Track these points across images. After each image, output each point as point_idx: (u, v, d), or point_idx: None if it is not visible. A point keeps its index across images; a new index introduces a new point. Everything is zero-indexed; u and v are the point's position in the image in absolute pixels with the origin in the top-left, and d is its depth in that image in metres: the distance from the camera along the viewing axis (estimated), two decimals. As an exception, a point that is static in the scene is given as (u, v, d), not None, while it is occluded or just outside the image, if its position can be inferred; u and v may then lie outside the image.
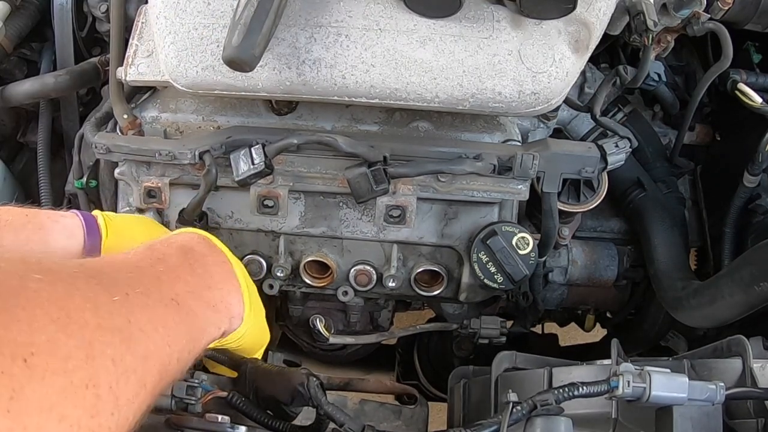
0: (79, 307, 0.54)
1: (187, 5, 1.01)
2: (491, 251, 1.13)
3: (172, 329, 0.65)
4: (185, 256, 0.77)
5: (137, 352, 0.58)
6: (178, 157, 1.08)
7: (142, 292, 0.64)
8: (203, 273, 0.78)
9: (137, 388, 0.57)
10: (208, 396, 0.91)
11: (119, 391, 0.54)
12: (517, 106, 1.02)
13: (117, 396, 0.54)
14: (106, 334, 0.55)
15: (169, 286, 0.70)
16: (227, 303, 0.79)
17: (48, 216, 0.92)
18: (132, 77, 1.10)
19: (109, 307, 0.57)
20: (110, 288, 0.59)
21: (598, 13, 1.02)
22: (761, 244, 1.01)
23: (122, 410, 0.55)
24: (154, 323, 0.62)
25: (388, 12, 1.01)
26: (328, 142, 1.06)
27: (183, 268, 0.75)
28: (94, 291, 0.57)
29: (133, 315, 0.60)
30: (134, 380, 0.57)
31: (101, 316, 0.56)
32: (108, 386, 0.53)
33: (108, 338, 0.55)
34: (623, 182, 1.35)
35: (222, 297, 0.79)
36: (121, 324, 0.57)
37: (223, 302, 0.78)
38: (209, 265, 0.80)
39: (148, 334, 0.61)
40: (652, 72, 1.31)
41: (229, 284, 0.81)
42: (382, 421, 1.15)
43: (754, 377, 0.85)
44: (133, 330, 0.59)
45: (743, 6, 1.20)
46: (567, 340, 1.76)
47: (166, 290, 0.69)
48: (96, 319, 0.55)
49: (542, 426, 0.81)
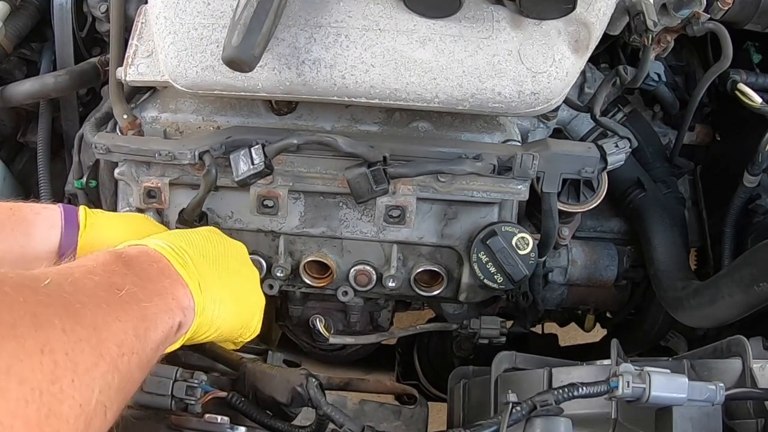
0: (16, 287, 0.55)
1: (187, 5, 1.01)
2: (491, 251, 1.13)
3: (117, 306, 0.65)
4: (117, 256, 0.76)
5: (84, 322, 0.59)
6: (178, 157, 1.08)
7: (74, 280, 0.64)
8: (138, 269, 0.76)
9: (94, 357, 0.58)
10: (207, 396, 0.91)
11: (76, 358, 0.55)
12: (517, 106, 1.02)
13: (75, 363, 0.55)
14: (49, 308, 0.56)
15: (104, 276, 0.69)
16: (173, 294, 0.77)
17: (31, 209, 0.94)
18: (132, 77, 1.10)
19: (45, 289, 0.59)
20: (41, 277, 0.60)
21: (598, 13, 1.02)
22: (761, 244, 1.01)
23: (83, 378, 0.55)
24: (95, 300, 0.63)
25: (387, 12, 1.01)
26: (328, 142, 1.06)
27: (116, 264, 0.74)
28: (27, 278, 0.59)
29: (71, 294, 0.61)
30: (89, 349, 0.58)
31: (39, 294, 0.57)
32: (63, 352, 0.54)
33: (52, 311, 0.56)
34: (623, 182, 1.35)
35: (165, 288, 0.77)
36: (60, 300, 0.59)
37: (168, 293, 0.76)
38: (143, 263, 0.78)
39: (91, 309, 0.61)
40: (652, 72, 1.31)
41: (168, 278, 0.79)
42: (382, 422, 1.15)
43: (754, 377, 0.85)
44: (75, 305, 0.60)
45: (743, 6, 1.20)
46: (567, 340, 1.76)
47: (101, 280, 0.68)
48: (35, 296, 0.56)
49: (542, 426, 0.81)
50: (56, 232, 0.94)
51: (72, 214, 0.96)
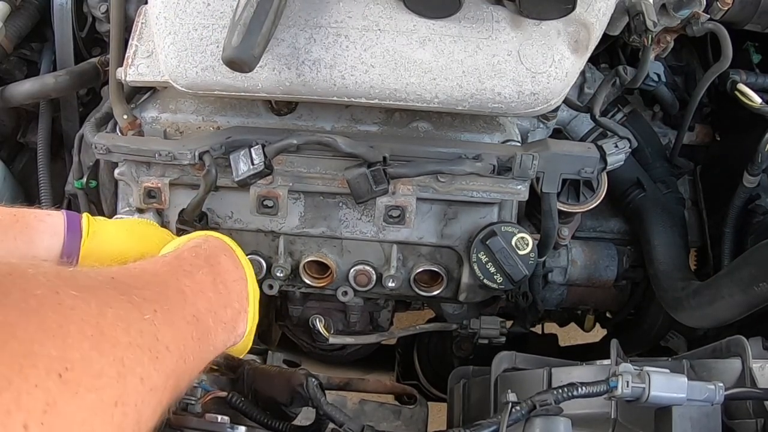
0: (112, 325, 0.55)
1: (187, 5, 1.01)
2: (491, 251, 1.13)
3: (191, 346, 0.67)
4: (210, 269, 0.80)
5: (162, 369, 0.59)
6: (178, 158, 1.08)
7: (168, 309, 0.65)
8: (224, 290, 0.80)
9: (156, 404, 0.58)
10: (207, 396, 0.91)
11: (143, 408, 0.55)
12: (517, 107, 1.02)
13: (140, 413, 0.55)
14: (136, 352, 0.56)
15: (193, 302, 0.72)
16: (236, 322, 0.81)
17: (35, 215, 0.94)
18: (132, 77, 1.10)
19: (140, 324, 0.58)
20: (140, 305, 0.61)
21: (598, 13, 1.02)
22: (761, 244, 1.01)
23: (141, 427, 0.56)
24: (177, 341, 0.64)
25: (387, 12, 1.01)
26: (328, 142, 1.06)
27: (206, 283, 0.77)
28: (125, 308, 0.58)
29: (160, 333, 0.61)
30: (156, 398, 0.58)
31: (132, 334, 0.56)
32: (134, 404, 0.54)
33: (138, 356, 0.56)
34: (623, 182, 1.35)
35: (234, 317, 0.81)
36: (150, 342, 0.59)
37: (233, 321, 0.81)
38: (229, 282, 0.82)
39: (172, 351, 0.62)
40: (652, 72, 1.31)
41: (242, 304, 0.83)
42: (382, 421, 1.15)
43: (754, 377, 0.85)
44: (160, 348, 0.60)
45: (743, 6, 1.20)
46: (567, 340, 1.77)
47: (189, 307, 0.70)
48: (127, 338, 0.56)
49: (541, 426, 0.81)
50: (59, 240, 0.93)
51: (75, 221, 0.96)
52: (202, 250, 0.84)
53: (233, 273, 0.84)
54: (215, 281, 0.79)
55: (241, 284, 0.85)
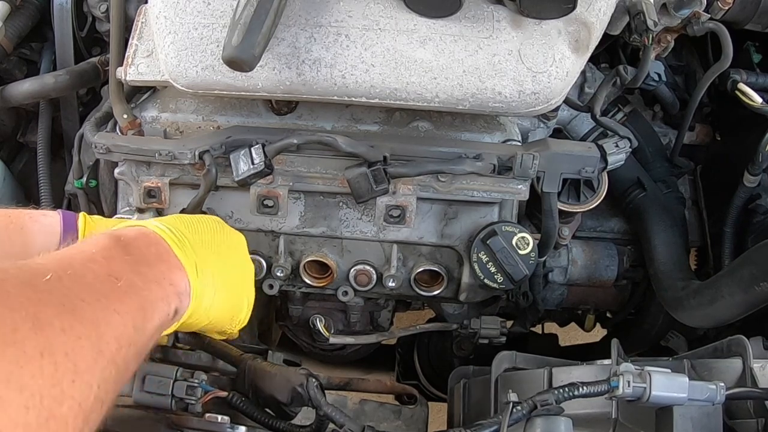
0: (16, 286, 0.55)
1: (187, 5, 1.01)
2: (491, 251, 1.13)
3: (115, 298, 0.65)
4: (116, 240, 0.76)
5: (84, 319, 0.59)
6: (178, 157, 1.08)
7: (74, 272, 0.64)
8: (136, 253, 0.75)
9: (94, 354, 0.58)
10: (208, 396, 0.91)
11: (76, 357, 0.55)
12: (517, 106, 1.02)
13: (75, 362, 0.55)
14: (48, 307, 0.56)
15: (103, 264, 0.69)
16: (170, 279, 0.77)
17: (29, 216, 0.93)
18: (132, 77, 1.10)
19: (45, 285, 0.59)
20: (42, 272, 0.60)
21: (598, 13, 1.02)
22: (761, 244, 1.01)
23: (83, 377, 0.55)
24: (94, 295, 0.63)
25: (388, 12, 1.01)
26: (328, 142, 1.06)
27: (115, 249, 0.73)
28: (26, 274, 0.59)
29: (70, 290, 0.60)
30: (89, 346, 0.57)
31: (40, 291, 0.57)
32: (63, 353, 0.54)
33: (52, 310, 0.56)
34: (623, 182, 1.35)
35: (162, 274, 0.76)
36: (60, 297, 0.59)
37: (165, 278, 0.76)
38: (141, 246, 0.78)
39: (91, 303, 0.61)
40: (652, 72, 1.31)
41: (166, 262, 0.78)
42: (382, 421, 1.16)
43: (754, 377, 0.85)
44: (74, 301, 0.59)
45: (743, 6, 1.20)
46: (567, 340, 1.77)
47: (100, 269, 0.68)
48: (36, 294, 0.56)
49: (542, 426, 0.81)
50: (55, 240, 0.93)
51: (71, 221, 0.95)
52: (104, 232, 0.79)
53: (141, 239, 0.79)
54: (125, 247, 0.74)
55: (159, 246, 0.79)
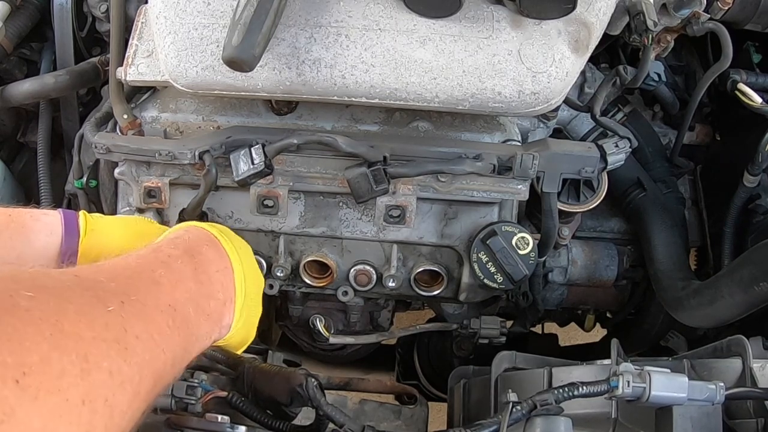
0: (73, 321, 0.52)
1: (187, 5, 1.01)
2: (491, 251, 1.13)
3: (167, 336, 0.64)
4: (191, 260, 0.76)
5: (133, 361, 0.57)
6: (178, 157, 1.08)
7: (138, 300, 0.62)
8: (205, 281, 0.77)
9: (131, 396, 0.56)
10: (208, 396, 0.91)
11: (115, 402, 0.53)
12: (517, 106, 1.02)
13: (112, 408, 0.53)
14: (101, 346, 0.54)
15: (168, 292, 0.69)
16: (221, 313, 0.79)
17: (30, 215, 0.93)
18: (132, 77, 1.10)
19: (105, 318, 0.56)
20: (105, 298, 0.58)
21: (598, 13, 1.02)
22: (761, 244, 1.01)
23: (116, 420, 0.54)
24: (149, 331, 0.61)
25: (388, 12, 1.01)
26: (328, 142, 1.06)
27: (185, 273, 0.74)
28: (88, 303, 0.56)
29: (128, 323, 0.58)
30: (130, 390, 0.56)
31: (96, 328, 0.54)
32: (104, 399, 0.52)
33: (104, 350, 0.54)
34: (623, 182, 1.35)
35: (218, 307, 0.78)
36: (117, 334, 0.56)
37: (217, 312, 0.78)
38: (212, 272, 0.79)
39: (144, 342, 0.59)
40: (652, 72, 1.31)
41: (227, 294, 0.80)
42: (382, 421, 1.15)
43: (754, 377, 0.85)
44: (129, 339, 0.57)
45: (743, 6, 1.20)
46: (567, 340, 1.77)
47: (164, 296, 0.67)
48: (90, 332, 0.53)
49: (542, 426, 0.81)
50: (56, 239, 0.93)
51: (72, 219, 0.95)
52: (181, 240, 0.81)
53: (216, 263, 0.81)
54: (196, 271, 0.76)
55: (226, 274, 0.82)
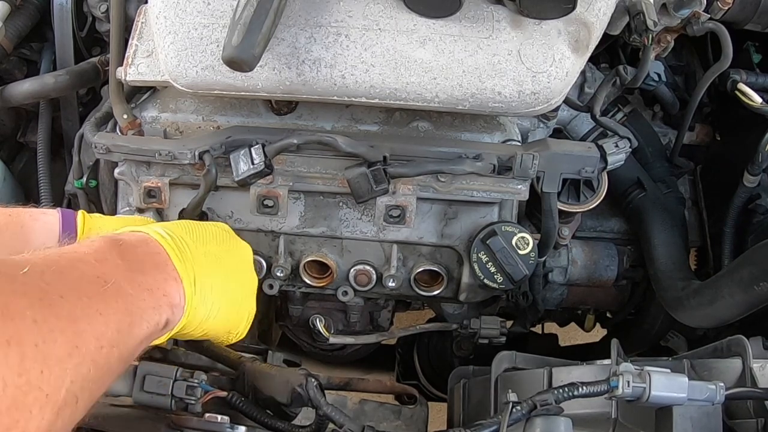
0: None
1: (187, 5, 1.01)
2: (491, 251, 1.13)
3: (99, 299, 0.64)
4: (113, 244, 0.74)
5: (60, 314, 0.58)
6: (178, 157, 1.08)
7: (58, 269, 0.63)
8: (133, 260, 0.74)
9: (68, 348, 0.57)
10: (207, 396, 0.91)
11: (46, 349, 0.54)
12: (517, 106, 1.02)
13: (45, 354, 0.54)
14: (23, 298, 0.55)
15: (93, 266, 0.68)
16: (164, 290, 0.76)
17: (29, 215, 0.93)
18: (132, 77, 1.10)
19: (22, 278, 0.57)
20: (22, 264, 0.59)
21: (598, 13, 1.02)
22: (761, 244, 1.01)
23: (53, 369, 0.55)
24: (76, 292, 0.62)
25: (388, 12, 1.01)
26: (328, 142, 1.06)
27: (110, 252, 0.72)
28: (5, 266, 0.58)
29: (50, 285, 0.59)
30: (63, 340, 0.57)
31: (15, 282, 0.56)
32: (33, 344, 0.53)
33: (25, 301, 0.55)
34: (623, 182, 1.35)
35: (156, 283, 0.75)
36: (38, 291, 0.57)
37: (159, 288, 0.75)
38: (140, 254, 0.76)
39: (71, 300, 0.60)
40: (652, 72, 1.31)
41: (163, 273, 0.77)
42: (382, 421, 1.16)
43: (754, 377, 0.85)
44: (52, 296, 0.58)
45: (743, 6, 1.20)
46: (567, 340, 1.77)
47: (88, 269, 0.67)
48: (10, 285, 0.55)
49: (542, 426, 0.81)
50: (55, 238, 0.93)
51: (70, 219, 0.95)
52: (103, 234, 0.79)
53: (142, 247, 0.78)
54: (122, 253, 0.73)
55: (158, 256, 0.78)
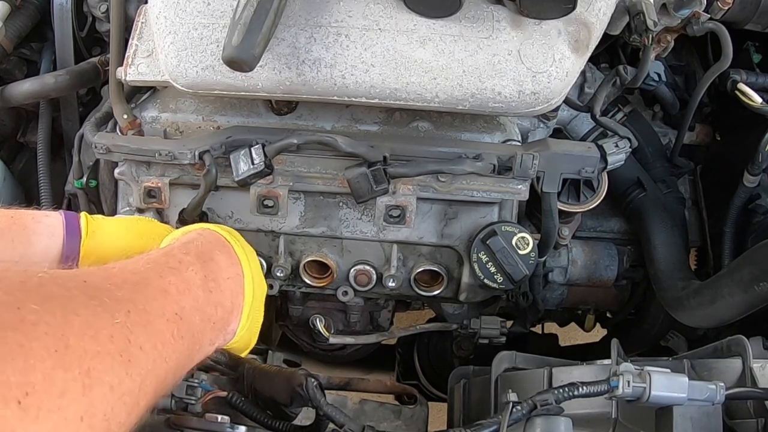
0: (78, 335, 0.52)
1: (187, 5, 1.01)
2: (491, 251, 1.13)
3: (171, 345, 0.64)
4: (202, 266, 0.76)
5: (135, 373, 0.56)
6: (178, 157, 1.08)
7: (144, 309, 0.62)
8: (215, 288, 0.76)
9: (130, 408, 0.56)
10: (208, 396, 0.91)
11: (113, 416, 0.53)
12: (517, 106, 1.02)
13: (110, 421, 0.53)
14: (105, 360, 0.53)
15: (175, 300, 0.68)
16: (227, 320, 0.78)
17: (32, 216, 0.93)
18: (132, 77, 1.10)
19: (110, 330, 0.56)
20: (112, 307, 0.58)
21: (598, 13, 1.02)
22: (761, 244, 1.01)
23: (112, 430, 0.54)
24: (153, 341, 0.61)
25: (388, 12, 1.01)
26: (328, 142, 1.06)
27: (194, 281, 0.73)
28: (94, 313, 0.55)
29: (133, 335, 0.58)
30: (129, 402, 0.55)
31: (100, 341, 0.54)
32: (103, 414, 0.52)
33: (107, 364, 0.53)
34: (623, 182, 1.35)
35: (224, 315, 0.78)
36: (121, 346, 0.56)
37: (223, 320, 0.78)
38: (222, 279, 0.78)
39: (147, 352, 0.59)
40: (652, 72, 1.31)
41: (235, 302, 0.80)
42: (382, 421, 1.15)
43: (754, 377, 0.85)
44: (132, 350, 0.57)
45: (743, 6, 1.20)
46: (567, 340, 1.76)
47: (170, 305, 0.67)
48: (95, 346, 0.53)
49: (542, 426, 0.81)
50: (58, 241, 0.92)
51: (73, 221, 0.95)
52: (194, 245, 0.80)
53: (227, 270, 0.81)
54: (206, 278, 0.75)
55: (236, 281, 0.82)
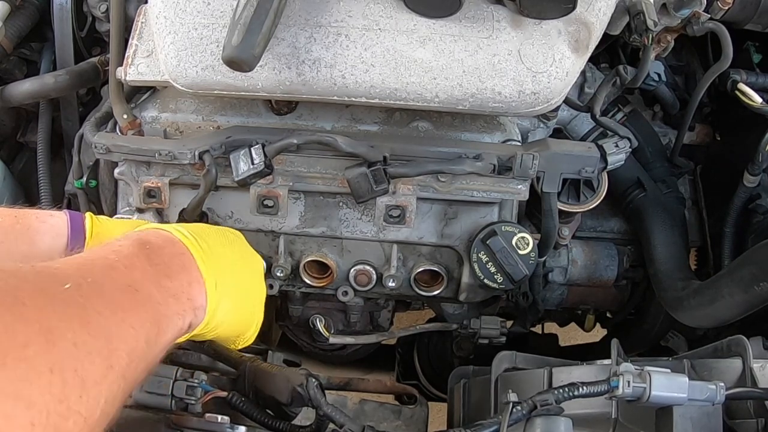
0: (32, 296, 0.55)
1: (187, 5, 1.01)
2: (491, 251, 1.13)
3: (132, 311, 0.65)
4: (141, 247, 0.76)
5: (98, 333, 0.59)
6: (178, 157, 1.08)
7: (94, 281, 0.64)
8: (160, 263, 0.75)
9: (103, 369, 0.58)
10: (208, 396, 0.91)
11: (85, 373, 0.55)
12: (517, 106, 1.02)
13: (83, 378, 0.55)
14: (63, 319, 0.56)
15: (124, 273, 0.69)
16: (188, 294, 0.77)
17: (36, 216, 0.93)
18: (132, 77, 1.10)
19: (62, 295, 0.58)
20: (60, 277, 0.60)
21: (598, 13, 1.02)
22: (761, 244, 1.01)
23: (90, 392, 0.55)
24: (111, 307, 0.63)
25: (388, 12, 1.01)
26: (328, 142, 1.06)
27: (138, 257, 0.73)
28: (44, 280, 0.59)
29: (87, 301, 0.60)
30: (99, 361, 0.57)
31: (56, 302, 0.57)
32: (73, 369, 0.54)
33: (66, 323, 0.56)
34: (623, 182, 1.35)
35: (182, 287, 0.76)
36: (76, 309, 0.58)
37: (183, 293, 0.76)
38: (166, 256, 0.78)
39: (107, 316, 0.61)
40: (652, 72, 1.31)
41: (188, 275, 0.79)
42: (382, 421, 1.15)
43: (754, 377, 0.85)
44: (90, 313, 0.59)
45: (743, 6, 1.20)
46: (567, 340, 1.76)
47: (120, 278, 0.68)
48: (51, 306, 0.56)
49: (542, 426, 0.81)
50: (62, 241, 0.92)
51: (78, 222, 0.95)
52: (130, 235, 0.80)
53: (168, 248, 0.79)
54: (149, 256, 0.75)
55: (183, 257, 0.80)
